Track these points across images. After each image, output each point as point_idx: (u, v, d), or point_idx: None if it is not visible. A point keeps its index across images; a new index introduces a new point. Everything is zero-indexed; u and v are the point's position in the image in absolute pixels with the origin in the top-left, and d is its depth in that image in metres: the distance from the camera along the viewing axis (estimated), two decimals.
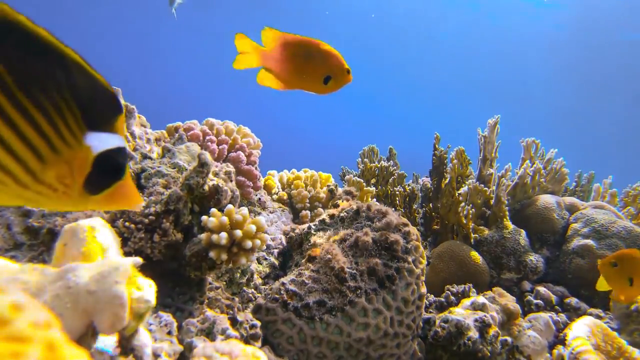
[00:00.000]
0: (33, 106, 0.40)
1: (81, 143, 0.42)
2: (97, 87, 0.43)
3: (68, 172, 0.42)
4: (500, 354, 1.06)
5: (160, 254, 0.83)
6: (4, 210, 0.84)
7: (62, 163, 0.41)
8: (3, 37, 0.39)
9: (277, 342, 0.88)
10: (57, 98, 0.40)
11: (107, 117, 0.44)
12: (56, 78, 0.41)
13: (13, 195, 0.43)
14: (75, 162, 0.42)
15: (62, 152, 0.41)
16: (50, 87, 0.40)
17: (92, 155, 0.42)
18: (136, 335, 0.51)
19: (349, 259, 0.95)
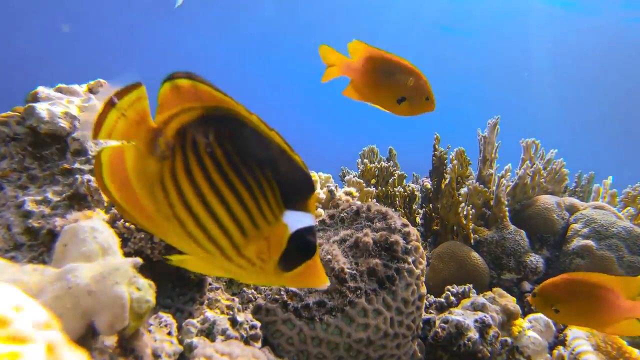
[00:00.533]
0: (241, 184, 0.44)
1: (279, 221, 0.45)
2: (295, 168, 0.46)
3: (266, 248, 0.45)
4: (500, 355, 1.06)
5: (160, 254, 0.83)
6: (4, 211, 0.84)
7: (261, 239, 0.44)
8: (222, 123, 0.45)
9: (277, 343, 0.88)
10: (261, 177, 0.44)
11: (302, 197, 0.46)
12: (261, 159, 0.44)
13: (217, 266, 0.47)
14: (272, 238, 0.45)
15: (262, 229, 0.44)
16: (256, 167, 0.44)
17: (288, 233, 0.45)
18: (136, 336, 0.51)
19: (349, 259, 0.95)
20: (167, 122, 0.46)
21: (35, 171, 0.89)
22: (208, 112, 0.46)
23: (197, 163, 0.45)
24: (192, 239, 0.45)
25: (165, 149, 0.45)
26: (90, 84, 1.07)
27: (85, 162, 0.93)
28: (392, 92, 0.82)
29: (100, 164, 0.46)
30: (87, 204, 0.88)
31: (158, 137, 0.46)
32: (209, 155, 0.44)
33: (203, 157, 0.45)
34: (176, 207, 0.45)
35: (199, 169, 0.45)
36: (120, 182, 0.46)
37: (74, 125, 0.94)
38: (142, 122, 0.47)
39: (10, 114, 0.91)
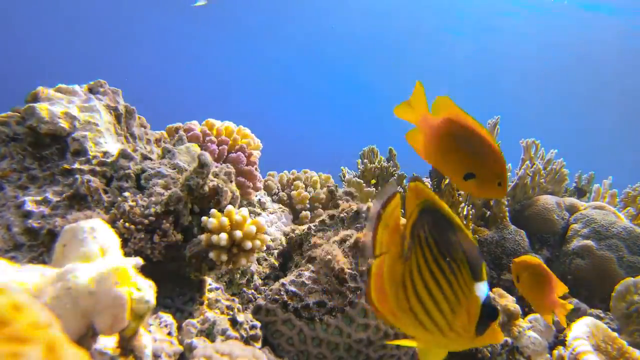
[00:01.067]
0: (448, 268, 0.50)
1: (473, 294, 0.50)
2: (473, 246, 0.52)
3: (467, 319, 0.50)
4: (500, 355, 1.06)
5: (160, 254, 0.83)
6: (4, 211, 0.84)
7: (464, 312, 0.50)
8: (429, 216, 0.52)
9: (277, 343, 0.88)
10: (457, 258, 0.50)
11: (481, 269, 0.51)
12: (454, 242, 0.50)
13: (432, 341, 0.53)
14: (471, 310, 0.50)
15: (463, 303, 0.50)
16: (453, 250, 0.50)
17: (480, 302, 0.50)
18: (136, 336, 0.51)
19: (349, 259, 0.95)
20: (405, 227, 0.54)
21: (35, 171, 0.89)
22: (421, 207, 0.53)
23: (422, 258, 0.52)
24: (421, 326, 0.52)
25: (407, 252, 0.53)
26: (90, 84, 1.07)
27: (85, 162, 0.92)
28: (460, 164, 0.73)
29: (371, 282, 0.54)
30: (87, 204, 0.88)
31: (404, 241, 0.54)
32: (428, 247, 0.51)
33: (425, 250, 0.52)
34: (411, 301, 0.52)
35: (424, 263, 0.51)
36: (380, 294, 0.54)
37: (73, 125, 0.94)
38: (398, 230, 0.55)
39: (10, 114, 0.91)
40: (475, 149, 0.71)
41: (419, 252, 0.51)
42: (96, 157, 0.94)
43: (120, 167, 0.95)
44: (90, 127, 0.97)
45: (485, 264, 0.52)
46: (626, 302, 1.24)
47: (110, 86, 1.10)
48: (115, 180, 0.94)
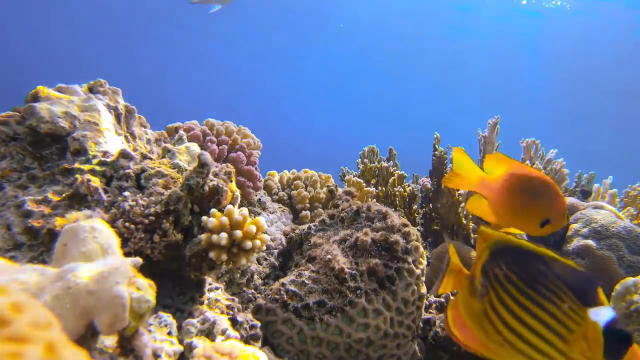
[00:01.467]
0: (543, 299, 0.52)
1: (587, 320, 0.50)
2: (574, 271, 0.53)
3: (587, 347, 0.50)
4: None
5: (160, 254, 0.83)
6: (4, 211, 0.84)
7: (579, 339, 0.50)
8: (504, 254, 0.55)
9: (277, 343, 0.88)
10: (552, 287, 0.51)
11: (593, 293, 0.51)
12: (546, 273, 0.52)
13: None
14: (590, 336, 0.50)
15: (575, 330, 0.50)
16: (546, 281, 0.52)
17: (600, 327, 0.49)
18: (136, 336, 0.51)
19: (349, 259, 0.95)
20: (474, 268, 0.58)
21: (35, 171, 0.89)
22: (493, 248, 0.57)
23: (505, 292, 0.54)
24: (524, 355, 0.53)
25: (482, 289, 0.56)
26: (90, 84, 1.07)
27: (85, 161, 0.92)
28: (538, 215, 0.75)
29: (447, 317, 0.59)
30: (87, 203, 0.88)
31: (473, 281, 0.58)
32: (509, 282, 0.54)
33: (506, 285, 0.54)
34: (504, 333, 0.54)
35: (508, 297, 0.54)
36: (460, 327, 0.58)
37: (74, 125, 0.94)
38: (461, 274, 0.61)
39: (10, 114, 0.91)
40: (549, 197, 0.73)
41: (499, 288, 0.55)
42: (96, 156, 0.94)
43: (120, 166, 0.95)
44: (90, 126, 0.96)
45: (601, 288, 0.52)
46: (626, 301, 1.23)
47: (110, 86, 1.10)
48: (115, 180, 0.94)
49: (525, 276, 0.54)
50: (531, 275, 0.53)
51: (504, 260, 0.55)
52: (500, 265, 0.55)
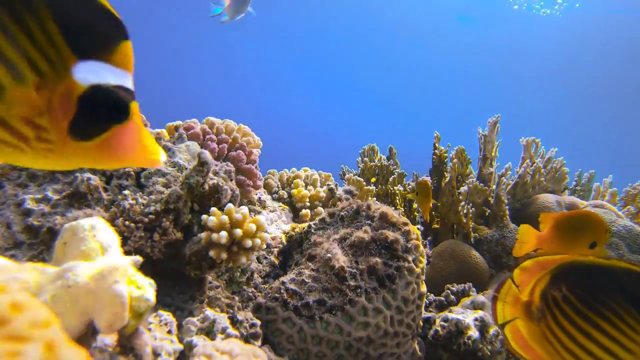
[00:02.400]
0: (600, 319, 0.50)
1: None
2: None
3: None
4: (500, 353, 1.06)
5: (160, 253, 0.83)
6: (4, 209, 0.84)
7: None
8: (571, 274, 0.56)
9: (277, 341, 0.88)
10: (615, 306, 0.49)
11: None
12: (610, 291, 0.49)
13: None
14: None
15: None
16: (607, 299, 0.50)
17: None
18: (136, 334, 0.51)
19: (349, 258, 0.95)
20: (532, 293, 0.60)
21: (35, 169, 0.89)
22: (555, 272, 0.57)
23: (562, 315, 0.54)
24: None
25: (538, 313, 0.58)
26: None
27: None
28: (587, 242, 0.95)
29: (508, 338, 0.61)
30: (86, 202, 0.88)
31: (531, 306, 0.60)
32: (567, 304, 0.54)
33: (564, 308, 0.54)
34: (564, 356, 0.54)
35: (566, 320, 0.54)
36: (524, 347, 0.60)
37: None
38: (517, 302, 0.62)
39: None
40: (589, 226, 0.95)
41: (557, 311, 0.55)
42: None
43: None
44: None
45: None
46: None
47: None
48: (115, 179, 0.94)
49: (586, 296, 0.53)
50: (593, 295, 0.52)
51: (566, 281, 0.56)
52: (560, 287, 0.56)
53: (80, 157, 0.36)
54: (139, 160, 0.36)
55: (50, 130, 0.34)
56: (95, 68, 0.34)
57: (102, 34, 0.34)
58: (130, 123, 0.36)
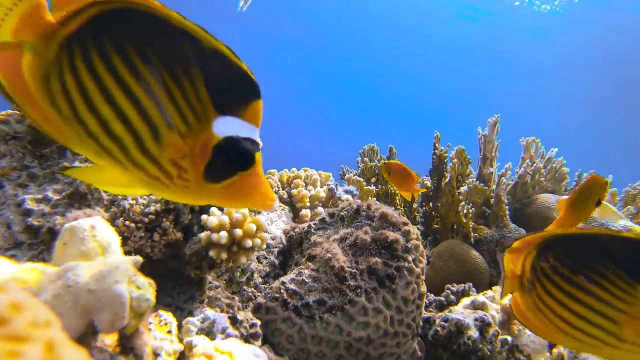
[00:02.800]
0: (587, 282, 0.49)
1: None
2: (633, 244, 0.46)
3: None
4: (500, 353, 1.06)
5: (160, 253, 0.83)
6: (4, 209, 0.84)
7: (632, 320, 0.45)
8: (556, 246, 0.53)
9: (277, 341, 0.88)
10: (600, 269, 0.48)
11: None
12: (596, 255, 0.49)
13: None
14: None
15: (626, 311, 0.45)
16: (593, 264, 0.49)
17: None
18: (136, 334, 0.51)
19: (349, 258, 0.95)
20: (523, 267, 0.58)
21: (35, 169, 0.89)
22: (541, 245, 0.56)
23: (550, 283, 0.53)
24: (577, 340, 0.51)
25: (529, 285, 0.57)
26: None
27: (85, 160, 0.92)
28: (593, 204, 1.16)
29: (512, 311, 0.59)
30: (86, 202, 0.88)
31: (522, 278, 0.58)
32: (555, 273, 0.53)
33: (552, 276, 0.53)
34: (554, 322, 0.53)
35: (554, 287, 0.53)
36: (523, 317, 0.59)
37: None
38: (513, 276, 0.60)
39: (10, 112, 0.91)
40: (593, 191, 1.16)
41: (545, 280, 0.55)
42: None
43: None
44: None
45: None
46: None
47: None
48: None
49: (572, 263, 0.53)
50: (578, 261, 0.53)
51: (552, 252, 0.56)
52: (547, 258, 0.56)
53: (209, 196, 0.42)
54: (256, 204, 0.42)
55: (190, 171, 0.40)
56: (230, 122, 0.40)
57: (240, 93, 0.41)
58: (253, 171, 0.42)
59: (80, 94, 0.40)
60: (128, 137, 0.39)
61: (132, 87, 0.39)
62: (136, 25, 0.40)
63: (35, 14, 0.40)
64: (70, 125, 0.41)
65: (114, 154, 0.40)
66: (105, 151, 0.40)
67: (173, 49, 0.40)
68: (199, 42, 0.40)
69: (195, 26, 0.40)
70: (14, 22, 0.40)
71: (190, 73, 0.39)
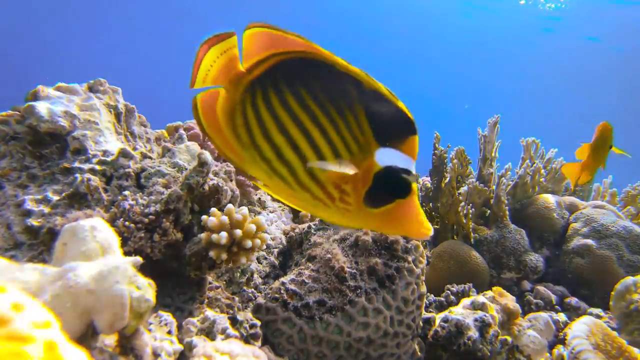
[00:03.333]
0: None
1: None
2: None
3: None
4: (500, 354, 1.06)
5: (160, 253, 0.83)
6: (4, 210, 0.84)
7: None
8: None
9: (277, 342, 0.88)
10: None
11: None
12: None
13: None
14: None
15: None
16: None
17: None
18: (136, 335, 0.51)
19: (349, 258, 0.95)
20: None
21: (35, 170, 0.89)
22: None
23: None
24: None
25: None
26: (90, 83, 1.07)
27: (85, 161, 0.92)
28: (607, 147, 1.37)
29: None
30: (86, 202, 0.88)
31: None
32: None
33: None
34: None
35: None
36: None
37: (73, 124, 0.94)
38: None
39: (10, 113, 0.91)
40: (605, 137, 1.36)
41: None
42: (96, 155, 0.94)
43: (120, 165, 0.95)
44: (90, 125, 0.96)
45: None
46: (626, 301, 1.24)
47: (110, 85, 1.10)
48: (115, 179, 0.94)
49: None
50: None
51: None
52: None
53: (366, 220, 0.46)
54: (411, 231, 0.46)
55: (351, 195, 0.45)
56: (390, 153, 0.45)
57: (398, 128, 0.46)
58: (410, 199, 0.45)
59: (258, 124, 0.47)
60: (297, 162, 0.45)
61: (302, 119, 0.45)
62: (307, 70, 0.47)
63: (230, 65, 0.50)
64: (248, 150, 0.48)
65: (283, 176, 0.47)
66: (276, 173, 0.47)
67: (339, 89, 0.46)
68: (361, 83, 0.46)
69: (359, 70, 0.47)
70: (216, 72, 0.50)
71: (354, 109, 0.45)
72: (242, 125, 0.48)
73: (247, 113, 0.48)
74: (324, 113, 0.45)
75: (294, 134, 0.46)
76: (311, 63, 0.47)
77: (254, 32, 0.49)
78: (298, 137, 0.46)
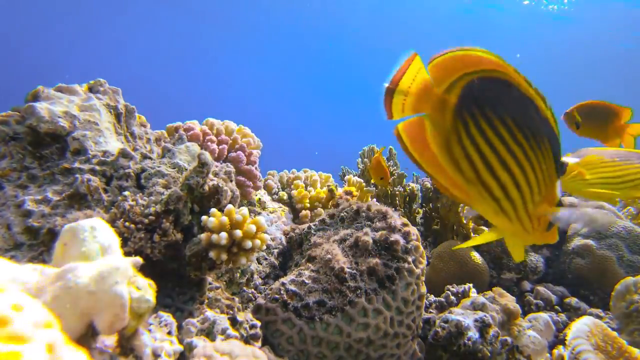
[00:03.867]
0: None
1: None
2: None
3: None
4: (500, 354, 1.06)
5: (160, 254, 0.83)
6: (4, 210, 0.84)
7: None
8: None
9: (277, 342, 0.88)
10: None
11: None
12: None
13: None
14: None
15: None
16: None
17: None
18: (136, 335, 0.51)
19: (349, 259, 0.95)
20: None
21: (35, 170, 0.89)
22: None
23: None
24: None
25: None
26: (90, 83, 1.07)
27: (85, 161, 0.92)
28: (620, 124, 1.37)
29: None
30: (87, 203, 0.88)
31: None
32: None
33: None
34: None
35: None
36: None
37: (73, 125, 0.94)
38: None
39: (10, 113, 0.91)
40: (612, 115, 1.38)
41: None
42: (96, 156, 0.94)
43: (120, 166, 0.95)
44: (90, 126, 0.96)
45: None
46: (626, 301, 1.24)
47: (110, 85, 1.10)
48: (115, 180, 0.94)
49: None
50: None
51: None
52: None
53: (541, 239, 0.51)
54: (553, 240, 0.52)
55: (542, 223, 0.49)
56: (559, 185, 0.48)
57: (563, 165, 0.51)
58: None
59: (480, 159, 0.48)
60: (519, 200, 0.47)
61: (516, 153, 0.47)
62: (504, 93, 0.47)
63: (426, 90, 0.49)
64: (474, 187, 0.49)
65: (509, 213, 0.48)
66: (503, 211, 0.49)
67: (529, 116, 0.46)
68: (539, 110, 0.47)
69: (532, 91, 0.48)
70: (413, 100, 0.49)
71: (544, 143, 0.47)
72: (462, 158, 0.48)
73: (465, 144, 0.48)
74: (529, 145, 0.47)
75: (515, 172, 0.47)
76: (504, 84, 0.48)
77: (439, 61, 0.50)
78: (517, 173, 0.47)
